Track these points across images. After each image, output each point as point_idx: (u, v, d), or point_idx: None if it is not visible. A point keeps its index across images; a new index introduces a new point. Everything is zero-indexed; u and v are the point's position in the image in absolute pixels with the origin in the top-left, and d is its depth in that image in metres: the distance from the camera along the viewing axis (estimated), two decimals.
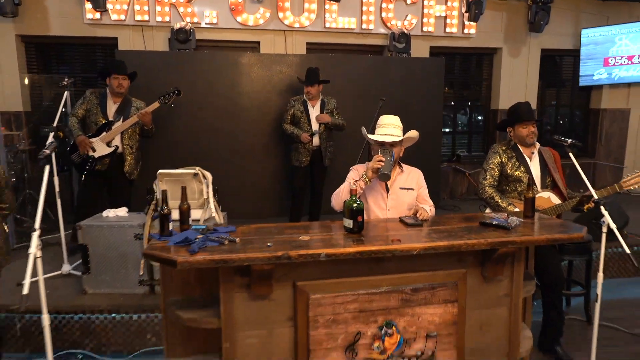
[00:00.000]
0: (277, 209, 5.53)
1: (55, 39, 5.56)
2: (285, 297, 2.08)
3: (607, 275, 4.70)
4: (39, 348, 3.25)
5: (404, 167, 2.83)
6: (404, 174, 2.77)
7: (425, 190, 2.82)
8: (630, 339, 3.52)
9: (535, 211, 2.94)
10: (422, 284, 2.16)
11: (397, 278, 2.15)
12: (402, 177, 2.76)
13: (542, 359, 3.24)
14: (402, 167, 2.81)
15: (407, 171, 2.81)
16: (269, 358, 2.11)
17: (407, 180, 2.76)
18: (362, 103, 5.45)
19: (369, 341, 2.14)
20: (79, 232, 3.32)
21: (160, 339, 3.30)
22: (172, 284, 2.30)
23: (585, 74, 6.89)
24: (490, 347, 2.34)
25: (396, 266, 2.15)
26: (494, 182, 3.26)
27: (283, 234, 2.27)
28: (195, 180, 3.25)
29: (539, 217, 2.65)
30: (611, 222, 2.65)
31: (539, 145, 3.35)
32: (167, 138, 5.10)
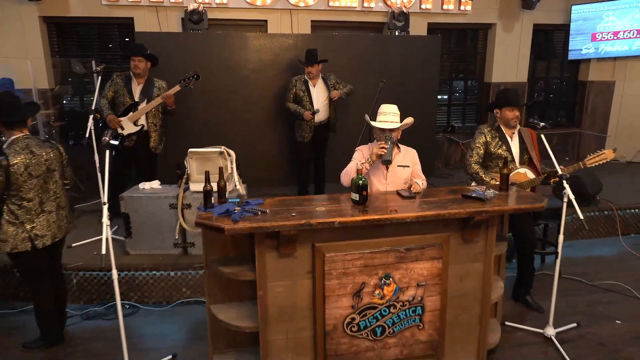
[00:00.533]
0: (285, 177, 6.07)
1: (75, 20, 5.91)
2: (306, 255, 2.64)
3: (580, 237, 5.31)
4: (91, 299, 3.88)
5: (402, 147, 3.33)
6: (401, 154, 3.28)
7: (418, 166, 3.33)
8: (591, 289, 4.15)
9: (513, 184, 3.49)
10: (414, 245, 2.72)
11: (394, 240, 2.70)
12: (400, 156, 3.27)
13: (515, 306, 3.88)
14: (400, 147, 3.31)
15: (404, 151, 3.31)
16: (293, 302, 2.69)
17: (404, 158, 3.27)
18: (363, 80, 5.88)
19: (372, 289, 2.71)
20: (121, 203, 3.86)
21: (194, 292, 3.92)
22: (213, 245, 2.85)
23: (574, 48, 7.27)
24: (468, 293, 2.92)
25: (393, 230, 2.70)
26: (479, 159, 3.73)
27: (302, 205, 2.81)
28: (221, 158, 3.76)
29: (512, 190, 3.17)
30: (571, 194, 3.15)
31: (519, 127, 3.83)
32: (185, 114, 5.55)
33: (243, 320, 2.77)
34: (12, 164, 2.85)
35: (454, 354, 2.99)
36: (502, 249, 3.08)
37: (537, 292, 3.92)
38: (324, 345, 2.73)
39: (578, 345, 3.31)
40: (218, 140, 5.20)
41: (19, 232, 2.96)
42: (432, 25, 6.84)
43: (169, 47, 5.47)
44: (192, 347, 3.29)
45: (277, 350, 2.74)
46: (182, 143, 5.18)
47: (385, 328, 2.79)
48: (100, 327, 3.56)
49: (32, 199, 2.97)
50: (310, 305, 2.70)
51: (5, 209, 2.93)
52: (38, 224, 3.02)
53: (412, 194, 2.97)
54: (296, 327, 2.72)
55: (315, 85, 5.11)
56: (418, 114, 6.25)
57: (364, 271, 2.68)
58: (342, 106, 5.59)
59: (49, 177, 3.06)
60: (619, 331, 3.49)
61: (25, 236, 2.98)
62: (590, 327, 3.54)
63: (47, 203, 3.06)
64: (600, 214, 5.30)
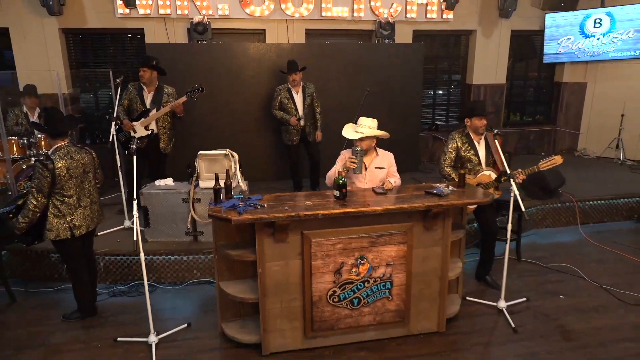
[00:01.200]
0: (279, 174, 6.70)
1: (91, 31, 6.51)
2: (296, 240, 3.28)
3: (544, 225, 5.96)
4: (116, 280, 4.54)
5: (379, 152, 3.95)
6: (379, 157, 3.91)
7: (394, 167, 3.95)
8: (545, 271, 4.81)
9: (479, 184, 4.11)
10: (383, 232, 3.36)
11: (367, 228, 3.35)
12: (378, 159, 3.90)
13: (477, 284, 4.54)
14: (378, 152, 3.94)
15: (381, 154, 3.94)
16: (286, 278, 3.34)
17: (381, 161, 3.90)
18: (353, 85, 6.49)
19: (349, 268, 3.37)
20: (141, 197, 4.50)
21: (203, 273, 4.58)
22: (221, 233, 3.50)
23: (548, 52, 7.88)
24: (429, 272, 3.57)
25: (367, 220, 3.34)
26: (451, 163, 4.31)
27: (294, 200, 3.45)
28: (226, 159, 4.39)
29: (468, 187, 3.81)
30: (517, 194, 3.75)
31: (486, 133, 4.39)
32: (192, 117, 6.17)
33: (246, 293, 3.43)
34: (57, 167, 3.48)
35: (418, 321, 3.66)
36: (459, 235, 3.73)
37: (496, 273, 4.58)
38: (311, 312, 3.40)
39: (524, 316, 3.97)
40: (221, 140, 5.87)
41: (61, 223, 3.60)
42: (417, 32, 7.43)
43: (176, 56, 6.08)
44: (203, 318, 3.95)
45: (274, 317, 3.41)
46: (190, 144, 5.82)
47: (361, 299, 3.45)
48: (125, 302, 4.23)
49: (72, 195, 3.61)
50: (300, 280, 3.35)
51: (50, 204, 3.57)
52: (76, 216, 3.66)
53: (385, 191, 3.61)
54: (289, 298, 3.38)
55: (298, 92, 5.69)
56: (404, 115, 6.93)
57: (343, 253, 3.33)
58: (333, 110, 6.21)
59: (84, 178, 3.69)
60: (561, 304, 4.16)
61: (66, 226, 3.61)
62: (538, 301, 4.20)
63: (83, 199, 3.69)
64: (562, 205, 5.95)
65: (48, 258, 4.47)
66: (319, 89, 6.00)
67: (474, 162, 4.28)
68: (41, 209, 3.51)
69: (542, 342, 3.62)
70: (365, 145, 3.77)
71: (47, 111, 3.65)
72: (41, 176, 3.44)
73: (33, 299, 4.27)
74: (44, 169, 3.43)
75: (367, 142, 3.79)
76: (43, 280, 4.53)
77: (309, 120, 5.73)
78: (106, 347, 3.55)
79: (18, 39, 6.26)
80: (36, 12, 6.14)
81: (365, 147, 3.78)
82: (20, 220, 3.52)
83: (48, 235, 3.60)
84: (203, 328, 3.80)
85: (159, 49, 5.96)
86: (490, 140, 4.31)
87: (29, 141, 5.44)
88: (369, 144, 3.81)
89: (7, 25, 6.18)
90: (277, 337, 3.44)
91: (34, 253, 4.46)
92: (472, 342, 3.62)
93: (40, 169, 3.44)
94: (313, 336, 3.47)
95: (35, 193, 3.46)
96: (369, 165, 3.86)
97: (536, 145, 8.53)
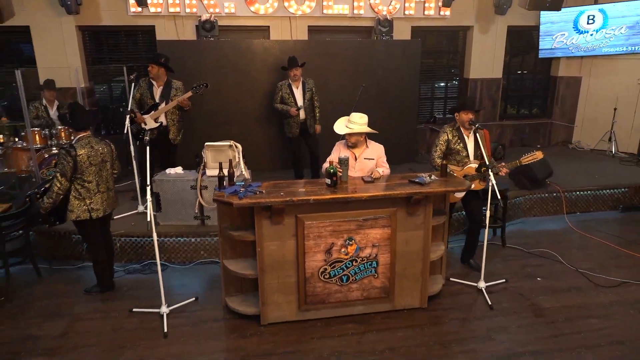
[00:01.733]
0: (282, 164, 7.08)
1: (106, 28, 6.91)
2: (291, 223, 3.67)
3: (531, 214, 6.29)
4: (130, 259, 4.98)
5: (369, 144, 4.31)
6: (369, 149, 4.27)
7: (382, 158, 4.30)
8: (526, 255, 5.15)
9: (465, 176, 4.44)
10: (370, 216, 3.74)
11: (355, 213, 3.72)
12: (368, 151, 4.27)
13: (462, 267, 4.91)
14: (368, 144, 4.30)
15: (371, 146, 4.30)
16: (282, 257, 3.74)
17: (370, 152, 4.26)
18: (351, 80, 6.83)
19: (339, 248, 3.75)
20: (153, 184, 4.92)
21: (209, 254, 5.00)
22: (224, 216, 3.90)
23: (544, 48, 8.13)
24: (412, 253, 3.95)
25: (355, 206, 3.71)
26: (441, 155, 4.60)
27: (290, 187, 3.84)
28: (230, 150, 4.78)
29: (450, 177, 4.16)
30: (495, 184, 4.07)
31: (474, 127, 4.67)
32: (200, 110, 6.56)
33: (247, 270, 3.84)
34: (79, 155, 3.91)
35: (402, 298, 4.05)
36: (440, 220, 4.09)
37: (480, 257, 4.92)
38: (305, 287, 3.80)
39: (501, 295, 4.34)
40: (227, 131, 6.26)
41: (81, 205, 4.03)
42: (416, 28, 7.72)
43: (185, 52, 6.46)
44: (209, 293, 4.38)
45: (271, 292, 3.81)
46: (198, 135, 6.22)
47: (350, 276, 3.84)
48: (139, 279, 4.67)
49: (91, 181, 4.03)
50: (295, 259, 3.75)
51: (72, 188, 4.00)
52: (94, 200, 4.08)
53: (372, 179, 3.98)
54: (285, 274, 3.79)
55: (298, 87, 6.05)
56: (401, 108, 7.26)
57: (333, 235, 3.71)
58: (331, 104, 6.56)
59: (102, 166, 4.11)
60: (537, 285, 4.51)
61: (85, 208, 4.04)
62: (516, 282, 4.56)
63: (101, 185, 4.11)
64: (550, 195, 6.26)
65: (70, 239, 4.92)
66: (320, 84, 6.36)
67: (462, 155, 4.59)
68: (64, 191, 3.94)
69: (515, 317, 3.99)
70: (354, 139, 4.14)
71: (71, 106, 4.07)
72: (65, 162, 3.87)
73: (57, 275, 4.73)
74: (67, 156, 3.86)
75: (356, 136, 4.15)
76: (65, 258, 4.99)
77: (308, 114, 6.07)
78: (123, 317, 4.00)
79: (38, 36, 6.69)
80: (55, 11, 6.55)
81: (354, 140, 4.14)
82: (46, 201, 3.96)
83: (69, 215, 4.03)
84: (209, 301, 4.23)
85: (169, 45, 6.35)
86: (479, 134, 4.61)
87: (50, 132, 5.87)
88: (358, 138, 4.17)
89: (27, 24, 6.60)
90: (274, 309, 3.85)
91: (57, 234, 4.92)
92: (450, 317, 4.00)
93: (64, 155, 3.87)
94: (306, 309, 3.88)
95: (60, 177, 3.89)
96: (359, 156, 4.23)
97: (532, 138, 8.80)
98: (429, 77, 8.34)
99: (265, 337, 3.73)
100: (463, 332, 3.79)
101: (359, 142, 4.20)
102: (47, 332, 3.79)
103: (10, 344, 3.64)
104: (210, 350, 3.58)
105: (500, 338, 3.71)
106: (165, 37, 6.86)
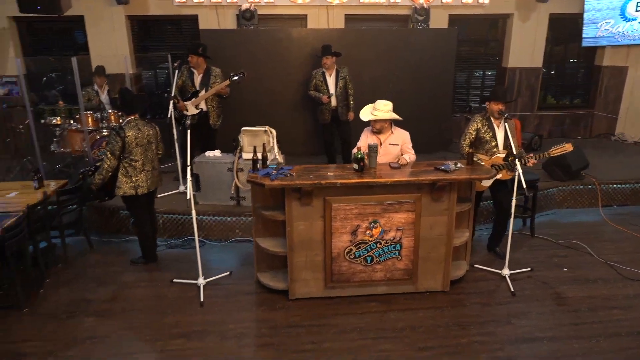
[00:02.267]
0: (315, 150, 7.28)
1: (152, 17, 7.30)
2: (319, 205, 3.89)
3: (565, 206, 6.23)
4: (172, 235, 5.36)
5: (395, 130, 4.44)
6: (394, 135, 4.41)
7: (408, 144, 4.40)
8: (555, 246, 5.16)
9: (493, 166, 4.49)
10: (395, 201, 3.90)
11: (380, 197, 3.89)
12: (392, 137, 4.41)
13: (487, 255, 4.99)
14: (393, 130, 4.44)
15: (396, 132, 4.43)
16: (310, 236, 3.97)
17: (395, 138, 4.40)
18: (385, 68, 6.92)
19: (364, 230, 3.94)
20: (193, 166, 5.25)
21: (244, 233, 5.31)
22: (258, 197, 4.16)
23: (587, 36, 7.88)
24: (436, 237, 4.08)
25: (380, 190, 3.88)
26: (470, 143, 4.61)
27: (319, 171, 4.05)
28: (265, 134, 5.04)
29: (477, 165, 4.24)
30: (522, 175, 4.11)
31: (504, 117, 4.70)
32: (239, 97, 6.84)
33: (277, 248, 4.10)
34: (127, 135, 4.26)
35: (425, 280, 4.20)
36: (465, 207, 4.20)
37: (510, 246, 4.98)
38: (331, 266, 4.02)
39: (525, 283, 4.41)
40: (264, 117, 6.52)
41: (128, 182, 4.39)
42: (453, 17, 7.67)
43: (225, 41, 6.74)
44: (242, 269, 4.68)
45: (299, 269, 4.06)
46: (236, 120, 6.51)
47: (374, 257, 4.03)
48: (179, 253, 5.04)
49: (138, 160, 4.38)
50: (322, 238, 3.97)
51: (121, 166, 4.37)
52: (140, 178, 4.43)
53: (399, 166, 4.13)
54: (312, 253, 4.02)
55: (331, 75, 6.21)
56: (436, 97, 7.30)
57: (358, 217, 3.91)
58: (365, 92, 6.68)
59: (148, 147, 4.45)
60: (562, 275, 4.55)
61: (131, 185, 4.40)
62: (541, 272, 4.61)
63: (146, 164, 4.46)
64: (585, 187, 6.18)
65: (118, 214, 5.35)
66: (355, 73, 6.49)
67: (491, 144, 4.63)
68: (112, 169, 4.32)
69: (536, 304, 4.07)
70: (379, 125, 4.30)
71: (122, 91, 4.43)
72: (114, 141, 4.24)
73: (106, 247, 5.17)
74: (117, 136, 4.23)
75: (380, 123, 4.30)
76: (114, 232, 5.44)
77: (340, 101, 6.24)
78: (165, 286, 4.36)
79: (91, 25, 7.15)
80: (107, 2, 6.99)
81: (379, 127, 4.30)
82: (96, 177, 4.36)
83: (117, 191, 4.41)
84: (242, 276, 4.53)
85: (211, 34, 6.65)
86: (509, 124, 4.64)
87: (101, 115, 6.32)
88: (382, 124, 4.32)
89: (82, 14, 7.07)
90: (302, 285, 4.10)
91: (107, 210, 5.36)
92: (472, 301, 4.13)
93: (114, 136, 4.25)
94: (332, 286, 4.10)
95: (109, 155, 4.28)
96: (384, 142, 4.39)
97: (572, 129, 8.60)
98: (465, 66, 8.28)
99: (292, 310, 3.99)
100: (483, 316, 3.92)
101: (383, 128, 4.36)
102: (98, 296, 4.21)
103: (68, 304, 4.08)
104: (242, 319, 3.87)
105: (519, 323, 3.81)
106: (207, 26, 7.17)
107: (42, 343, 3.57)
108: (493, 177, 4.12)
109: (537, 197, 5.39)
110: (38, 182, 4.80)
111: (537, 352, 3.47)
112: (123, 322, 3.84)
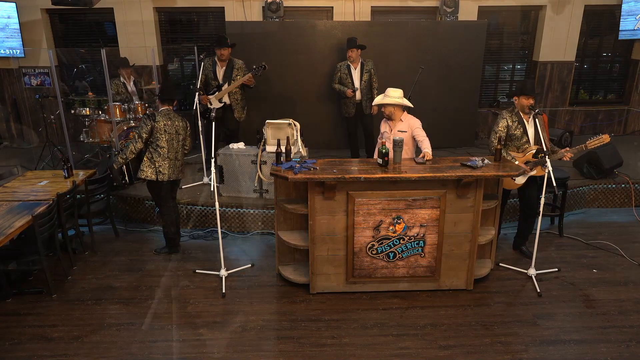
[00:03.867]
0: (339, 143, 7.23)
1: (180, 10, 7.35)
2: (342, 199, 3.86)
3: (595, 205, 6.03)
4: (195, 225, 5.42)
5: (404, 118, 4.38)
6: (403, 122, 4.37)
7: (418, 130, 4.29)
8: (584, 246, 5.01)
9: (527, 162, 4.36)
10: (419, 197, 3.84)
11: (404, 192, 3.84)
12: (401, 124, 4.37)
13: (513, 253, 4.87)
14: (403, 117, 4.38)
15: (405, 120, 4.37)
16: (332, 230, 3.95)
17: (403, 126, 4.35)
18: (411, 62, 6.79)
19: (387, 225, 3.89)
20: (217, 158, 5.29)
21: (266, 225, 5.33)
22: (280, 190, 4.17)
23: (625, 29, 7.56)
24: (460, 235, 4.01)
25: (404, 185, 3.83)
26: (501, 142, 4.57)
27: (343, 165, 4.02)
28: (289, 127, 5.03)
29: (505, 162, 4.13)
30: (551, 170, 3.99)
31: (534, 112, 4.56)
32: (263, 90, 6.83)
33: (299, 241, 4.09)
34: (157, 122, 4.36)
35: (448, 278, 4.14)
36: (491, 205, 4.10)
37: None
38: (353, 261, 4.00)
39: (552, 283, 4.29)
40: (289, 110, 6.52)
41: (151, 166, 4.46)
42: (483, 8, 7.47)
43: (251, 33, 6.73)
44: (264, 261, 4.71)
45: (321, 263, 4.05)
46: (260, 113, 6.53)
47: (396, 254, 3.99)
48: (202, 244, 5.10)
49: (163, 147, 4.44)
50: (344, 233, 3.95)
51: (147, 151, 4.45)
52: (163, 165, 4.48)
53: (424, 161, 4.06)
54: (334, 247, 4.00)
55: (356, 68, 6.14)
56: (462, 91, 7.14)
57: (382, 212, 3.86)
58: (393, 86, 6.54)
59: (175, 137, 4.51)
60: (591, 277, 4.41)
61: (153, 170, 4.47)
62: (569, 272, 4.48)
63: (170, 153, 4.51)
64: (617, 186, 5.96)
65: (143, 204, 5.44)
66: (380, 66, 6.40)
67: (522, 140, 4.49)
68: (137, 151, 4.44)
69: (563, 306, 3.95)
70: (388, 111, 4.35)
71: (163, 81, 4.54)
72: (144, 125, 4.38)
73: (131, 236, 5.28)
74: (148, 120, 4.39)
75: (390, 108, 4.35)
76: (139, 222, 5.54)
77: (365, 95, 6.17)
78: (187, 276, 4.42)
79: (120, 17, 7.26)
80: None
81: (388, 112, 4.36)
82: (119, 157, 4.50)
83: (140, 174, 4.51)
84: (263, 268, 4.56)
85: (237, 26, 6.65)
86: (539, 119, 4.52)
87: (129, 106, 6.43)
88: (391, 110, 4.35)
89: (112, 5, 7.18)
90: (323, 279, 4.09)
91: (133, 199, 5.46)
92: (496, 300, 4.05)
93: (146, 119, 4.41)
94: (353, 282, 4.08)
95: (137, 137, 4.41)
96: (394, 129, 4.39)
97: (605, 125, 8.30)
98: (494, 59, 8.07)
99: (313, 304, 3.99)
100: (507, 316, 3.83)
101: (392, 114, 4.38)
102: (123, 283, 4.30)
103: (94, 290, 4.19)
104: (263, 311, 3.89)
105: (545, 324, 3.71)
106: (234, 18, 7.18)
107: (69, 328, 3.67)
108: (522, 174, 4.00)
109: (566, 195, 5.23)
110: (67, 171, 4.92)
111: (563, 355, 3.38)
112: (146, 310, 3.91)
